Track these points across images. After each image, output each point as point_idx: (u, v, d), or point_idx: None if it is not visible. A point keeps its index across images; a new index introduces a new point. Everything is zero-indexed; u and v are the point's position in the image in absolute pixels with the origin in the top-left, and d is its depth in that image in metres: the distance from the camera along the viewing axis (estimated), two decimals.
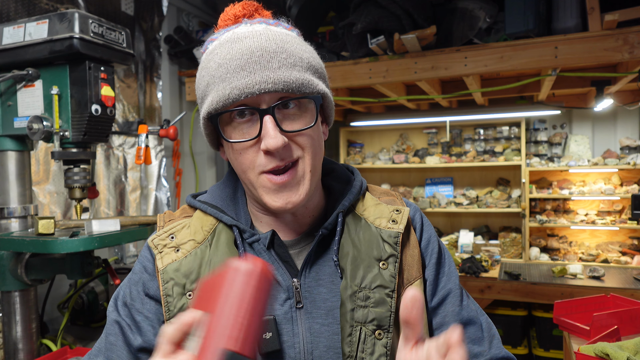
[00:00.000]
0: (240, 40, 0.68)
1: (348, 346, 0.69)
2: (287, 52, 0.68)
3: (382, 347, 0.70)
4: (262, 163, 0.68)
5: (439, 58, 2.38)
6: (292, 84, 0.67)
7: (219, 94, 0.67)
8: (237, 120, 0.69)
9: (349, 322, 0.70)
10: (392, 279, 0.73)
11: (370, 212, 0.79)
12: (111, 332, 0.77)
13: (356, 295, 0.71)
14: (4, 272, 1.49)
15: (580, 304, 1.93)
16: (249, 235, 0.76)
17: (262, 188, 0.70)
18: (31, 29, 1.40)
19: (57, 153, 1.41)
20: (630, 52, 2.07)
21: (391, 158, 4.12)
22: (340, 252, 0.75)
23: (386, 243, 0.75)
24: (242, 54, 0.67)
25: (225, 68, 0.67)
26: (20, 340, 1.53)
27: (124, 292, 0.79)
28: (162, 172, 2.85)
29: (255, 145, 0.69)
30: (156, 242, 0.77)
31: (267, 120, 0.66)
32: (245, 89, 0.65)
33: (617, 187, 3.53)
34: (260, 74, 0.66)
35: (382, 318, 0.71)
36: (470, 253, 3.58)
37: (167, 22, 2.89)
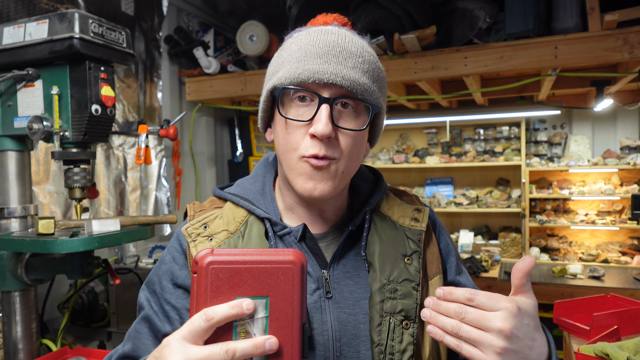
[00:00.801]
0: (326, 34, 0.73)
1: (377, 335, 0.73)
2: (364, 58, 0.73)
3: (409, 336, 0.74)
4: (306, 146, 0.71)
5: (439, 58, 2.38)
6: (358, 85, 0.71)
7: (291, 72, 0.71)
8: (296, 102, 0.73)
9: (378, 312, 0.74)
10: (417, 273, 0.78)
11: (394, 211, 0.85)
12: (139, 320, 0.81)
13: (385, 287, 0.75)
14: (4, 272, 1.49)
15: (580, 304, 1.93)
16: (280, 228, 0.79)
17: (297, 171, 0.73)
18: (31, 29, 1.40)
19: (57, 153, 1.41)
20: (630, 52, 2.07)
21: (391, 158, 4.12)
22: (367, 248, 0.79)
23: (410, 240, 0.80)
24: (324, 44, 0.72)
25: (305, 51, 0.72)
26: (20, 340, 1.53)
27: (152, 280, 0.82)
28: (162, 172, 2.85)
29: (304, 128, 0.72)
30: (190, 230, 0.80)
31: (324, 108, 0.70)
32: (317, 74, 0.69)
33: (617, 187, 3.53)
34: (334, 66, 0.70)
35: (409, 309, 0.75)
36: (470, 253, 3.58)
37: (167, 22, 2.89)
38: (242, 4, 3.15)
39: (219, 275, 0.54)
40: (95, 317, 1.94)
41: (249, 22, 2.78)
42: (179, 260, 0.81)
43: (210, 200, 0.88)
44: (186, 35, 2.83)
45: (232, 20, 3.37)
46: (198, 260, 0.54)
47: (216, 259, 0.54)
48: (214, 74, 2.88)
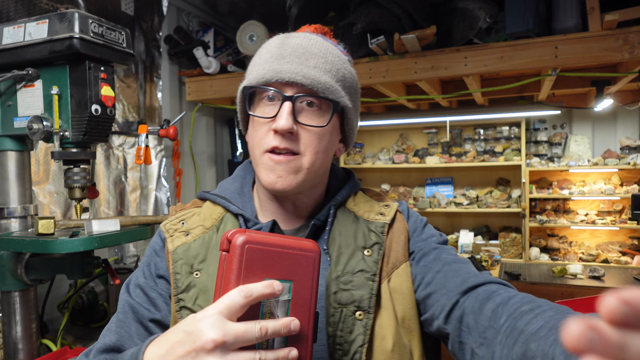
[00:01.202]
0: (292, 37, 0.80)
1: (331, 326, 0.75)
2: (326, 59, 0.78)
3: (361, 327, 0.75)
4: (268, 141, 0.76)
5: (439, 58, 2.38)
6: (319, 84, 0.75)
7: (257, 73, 0.77)
8: (264, 101, 0.78)
9: (332, 304, 0.76)
10: (374, 264, 0.79)
11: (360, 207, 0.87)
12: (121, 311, 0.83)
13: (339, 279, 0.77)
14: (4, 272, 1.49)
15: (580, 304, 1.93)
16: (252, 224, 0.83)
17: (262, 165, 0.77)
18: (31, 29, 1.40)
19: (57, 153, 1.41)
20: (630, 52, 2.07)
21: (391, 158, 4.12)
22: (330, 242, 0.82)
23: (372, 232, 0.83)
24: (288, 46, 0.77)
25: (271, 54, 0.78)
26: (20, 340, 1.53)
27: (136, 275, 0.86)
28: (162, 172, 2.85)
29: (268, 124, 0.76)
30: (168, 226, 0.86)
31: (286, 105, 0.74)
32: (279, 73, 0.74)
33: (617, 187, 3.53)
34: (295, 66, 0.75)
35: (362, 300, 0.76)
36: (470, 253, 3.58)
37: (167, 22, 2.89)
38: (242, 4, 3.15)
39: (253, 255, 0.55)
40: (95, 317, 1.95)
41: (249, 22, 2.78)
42: (160, 253, 0.85)
43: (193, 201, 0.93)
44: (186, 35, 2.83)
45: (232, 20, 3.37)
46: (231, 239, 0.56)
47: (251, 239, 0.55)
48: (214, 74, 2.88)
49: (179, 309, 0.78)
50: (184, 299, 0.78)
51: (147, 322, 0.80)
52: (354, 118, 0.85)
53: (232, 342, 0.52)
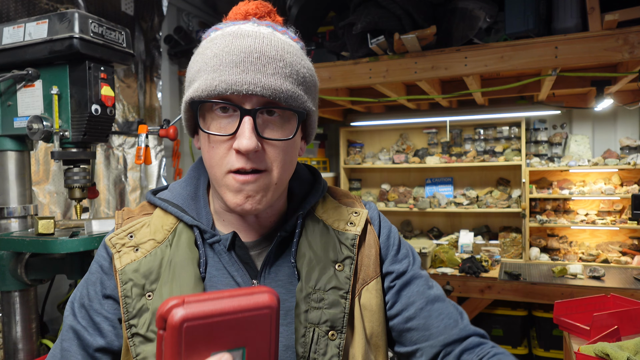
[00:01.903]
0: (243, 37, 0.67)
1: (301, 347, 0.70)
2: (284, 62, 0.68)
3: (334, 347, 0.71)
4: (231, 161, 0.68)
5: (439, 58, 2.38)
6: (281, 93, 0.66)
7: (206, 83, 0.66)
8: (217, 113, 0.68)
9: (302, 324, 0.70)
10: (347, 280, 0.74)
11: (329, 215, 0.81)
12: (66, 337, 0.76)
13: (310, 296, 0.72)
14: (4, 272, 1.49)
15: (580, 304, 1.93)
16: (209, 235, 0.76)
17: (226, 186, 0.69)
18: (31, 29, 1.40)
19: (57, 153, 1.41)
20: (630, 52, 2.07)
21: (391, 158, 4.12)
22: (298, 254, 0.75)
23: (343, 245, 0.76)
24: (240, 50, 0.66)
25: (220, 59, 0.66)
26: (20, 340, 1.53)
27: (80, 293, 0.77)
28: (162, 172, 2.85)
29: (228, 142, 0.68)
30: (114, 241, 0.76)
31: (246, 121, 0.66)
32: (234, 85, 0.65)
33: (617, 187, 3.53)
34: (252, 75, 0.65)
35: (335, 319, 0.72)
36: (470, 253, 3.58)
37: (167, 22, 2.89)
38: None
39: (194, 333, 0.47)
40: None
41: None
42: (107, 271, 0.76)
43: (142, 206, 0.83)
44: (186, 35, 2.83)
45: None
46: (166, 316, 0.46)
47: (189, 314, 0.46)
48: None
49: (130, 335, 0.70)
50: (135, 324, 0.70)
51: (92, 352, 0.74)
52: (316, 116, 0.78)
53: None
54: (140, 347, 0.70)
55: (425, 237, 4.09)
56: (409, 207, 3.97)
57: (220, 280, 0.74)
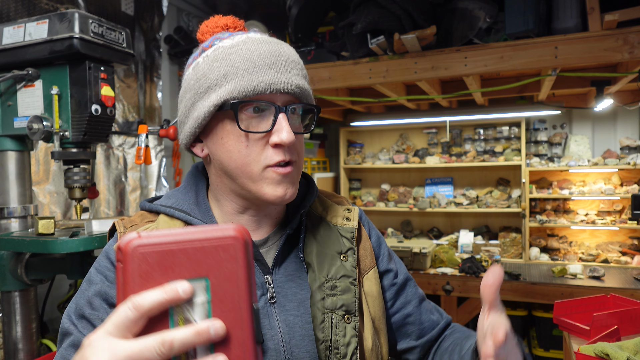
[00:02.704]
0: (267, 43, 0.74)
1: (321, 332, 0.75)
2: (301, 65, 0.78)
3: (352, 329, 0.78)
4: (269, 156, 0.73)
5: (439, 58, 2.38)
6: (304, 92, 0.76)
7: (243, 85, 0.71)
8: (249, 114, 0.73)
9: (320, 310, 0.76)
10: (353, 269, 0.81)
11: (327, 212, 0.88)
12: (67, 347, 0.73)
13: (324, 285, 0.78)
14: (4, 272, 1.49)
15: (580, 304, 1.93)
16: None
17: (265, 180, 0.74)
18: (31, 29, 1.40)
19: (57, 153, 1.41)
20: (630, 52, 2.07)
21: (391, 158, 4.12)
22: (305, 249, 0.82)
23: (344, 238, 0.84)
24: (271, 54, 0.73)
25: (253, 62, 0.72)
26: (20, 340, 1.53)
27: (80, 305, 0.75)
28: (162, 172, 2.85)
29: (264, 139, 0.73)
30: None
31: (282, 117, 0.73)
32: (273, 84, 0.71)
33: (617, 187, 3.53)
34: (286, 75, 0.73)
35: (349, 304, 0.79)
36: (470, 253, 3.58)
37: (167, 22, 2.89)
38: (242, 4, 3.15)
39: (147, 260, 0.46)
40: None
41: (249, 22, 2.78)
42: (110, 279, 0.75)
43: (140, 214, 0.83)
44: (186, 35, 2.83)
45: None
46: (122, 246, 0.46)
47: (144, 242, 0.46)
48: None
49: None
50: None
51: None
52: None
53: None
54: None
55: (425, 237, 4.09)
56: (409, 207, 3.97)
57: None
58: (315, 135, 4.21)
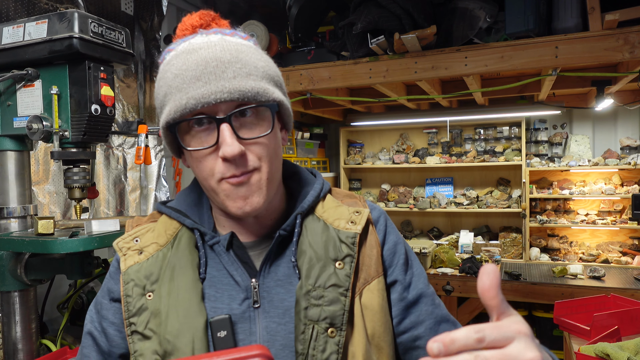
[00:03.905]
0: (196, 51, 0.70)
1: (301, 344, 0.70)
2: (241, 62, 0.70)
3: (334, 344, 0.71)
4: (221, 170, 0.70)
5: (439, 58, 2.37)
6: (247, 92, 0.68)
7: (176, 104, 0.68)
8: (195, 129, 0.70)
9: (302, 321, 0.71)
10: (347, 278, 0.74)
11: (329, 214, 0.81)
12: (85, 344, 0.81)
13: (310, 294, 0.72)
14: (4, 272, 1.49)
15: (580, 304, 1.93)
16: (209, 237, 0.78)
17: (223, 193, 0.72)
18: (31, 29, 1.40)
19: (56, 153, 1.41)
20: (630, 51, 2.06)
21: (391, 158, 4.12)
22: (298, 253, 0.76)
23: (343, 243, 0.77)
24: (197, 64, 0.68)
25: (182, 78, 0.69)
26: (19, 340, 1.53)
27: (97, 300, 0.83)
28: (161, 172, 2.85)
29: (213, 153, 0.70)
30: (121, 244, 0.80)
31: (224, 129, 0.68)
32: (202, 98, 0.67)
33: (617, 187, 3.53)
34: (215, 84, 0.67)
35: (335, 316, 0.72)
36: (470, 253, 3.57)
37: (167, 22, 2.89)
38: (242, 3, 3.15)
39: None
40: None
41: (249, 22, 2.78)
42: (114, 275, 0.81)
43: (151, 214, 0.87)
44: None
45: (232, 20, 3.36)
46: None
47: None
48: None
49: (130, 333, 0.73)
50: (135, 322, 0.73)
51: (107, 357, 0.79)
52: (288, 103, 0.79)
53: None
54: (139, 344, 0.73)
55: (425, 237, 4.09)
56: (409, 207, 3.97)
57: (220, 280, 0.76)
58: (315, 135, 4.21)
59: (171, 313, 0.72)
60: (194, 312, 0.71)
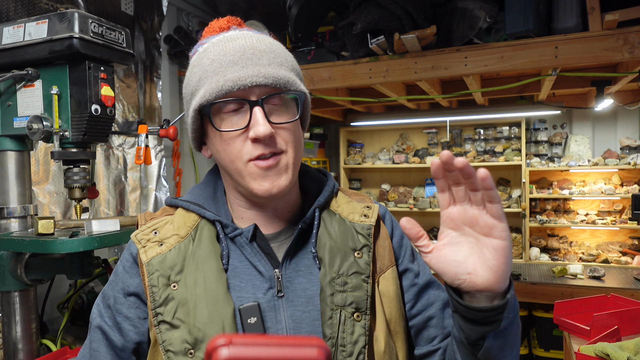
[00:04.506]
0: (233, 40, 0.75)
1: (329, 328, 0.74)
2: (275, 53, 0.76)
3: (360, 328, 0.75)
4: (249, 151, 0.73)
5: (439, 58, 2.37)
6: (280, 80, 0.73)
7: (212, 86, 0.73)
8: (226, 113, 0.74)
9: (329, 306, 0.75)
10: (367, 266, 0.79)
11: (343, 208, 0.86)
12: (94, 338, 0.81)
13: (335, 281, 0.76)
14: (4, 272, 1.49)
15: (580, 304, 1.93)
16: (231, 230, 0.80)
17: (250, 175, 0.75)
18: (31, 29, 1.40)
19: (56, 153, 1.41)
20: (630, 52, 2.06)
21: (391, 158, 4.12)
22: (318, 244, 0.80)
23: (360, 234, 0.82)
24: (235, 50, 0.73)
25: (219, 63, 0.73)
26: (20, 340, 1.53)
27: (107, 294, 0.83)
28: (162, 172, 2.85)
29: (243, 135, 0.74)
30: (139, 237, 0.81)
31: (257, 110, 0.72)
32: (238, 81, 0.71)
33: (617, 187, 3.53)
34: (252, 69, 0.72)
35: (359, 301, 0.76)
36: None
37: (167, 22, 2.89)
38: (242, 3, 3.14)
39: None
40: None
41: (249, 22, 2.78)
42: (129, 270, 0.81)
43: (162, 209, 0.89)
44: (186, 35, 2.83)
45: None
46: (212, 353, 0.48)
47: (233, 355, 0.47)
48: None
49: (157, 323, 0.75)
50: (162, 312, 0.75)
51: (119, 352, 0.80)
52: (309, 101, 0.84)
53: None
54: (167, 333, 0.74)
55: None
56: (409, 207, 3.97)
57: (243, 271, 0.79)
58: (315, 135, 4.21)
59: (199, 302, 0.73)
60: (222, 300, 0.73)
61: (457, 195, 0.65)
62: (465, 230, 0.65)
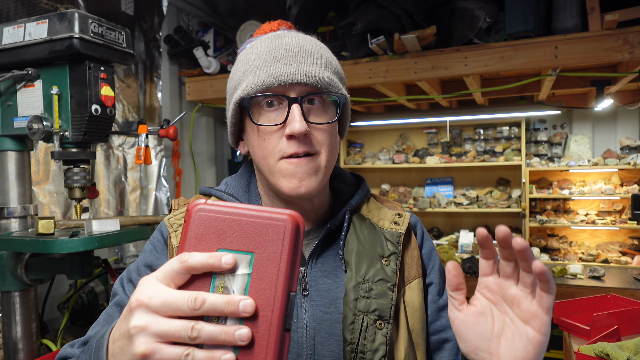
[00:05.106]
0: (281, 37, 0.76)
1: (350, 333, 0.73)
2: (320, 54, 0.76)
3: (382, 336, 0.74)
4: (283, 148, 0.73)
5: (439, 58, 2.37)
6: (321, 80, 0.73)
7: (254, 80, 0.73)
8: (265, 108, 0.74)
9: (352, 311, 0.74)
10: (393, 274, 0.78)
11: (374, 214, 0.85)
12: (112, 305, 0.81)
13: (360, 286, 0.75)
14: (4, 272, 1.49)
15: (580, 304, 1.93)
16: None
17: (280, 172, 0.74)
18: (31, 29, 1.40)
19: (56, 153, 1.41)
20: (630, 52, 2.07)
21: (391, 158, 4.12)
22: (346, 247, 0.80)
23: (389, 242, 0.80)
24: (280, 47, 0.74)
25: (263, 58, 0.74)
26: (20, 340, 1.53)
27: (130, 271, 0.83)
28: (162, 172, 2.85)
29: (279, 131, 0.74)
30: (172, 221, 0.82)
31: (295, 108, 0.72)
32: (280, 76, 0.72)
33: (617, 187, 3.53)
34: (295, 66, 0.72)
35: (383, 309, 0.75)
36: (470, 253, 3.57)
37: (167, 22, 2.89)
38: (242, 4, 3.15)
39: (204, 223, 0.50)
40: (95, 317, 1.94)
41: (249, 22, 2.78)
42: (159, 249, 0.82)
43: (195, 197, 0.89)
44: (186, 35, 2.83)
45: (232, 20, 3.37)
46: (189, 207, 0.51)
47: (206, 207, 0.51)
48: (213, 74, 2.88)
49: None
50: None
51: None
52: (349, 107, 0.85)
53: (158, 306, 0.47)
54: None
55: None
56: (409, 207, 3.97)
57: None
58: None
59: None
60: None
61: (504, 270, 0.60)
62: (503, 307, 0.61)
